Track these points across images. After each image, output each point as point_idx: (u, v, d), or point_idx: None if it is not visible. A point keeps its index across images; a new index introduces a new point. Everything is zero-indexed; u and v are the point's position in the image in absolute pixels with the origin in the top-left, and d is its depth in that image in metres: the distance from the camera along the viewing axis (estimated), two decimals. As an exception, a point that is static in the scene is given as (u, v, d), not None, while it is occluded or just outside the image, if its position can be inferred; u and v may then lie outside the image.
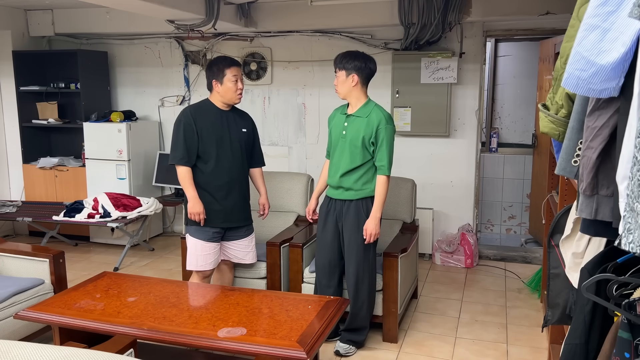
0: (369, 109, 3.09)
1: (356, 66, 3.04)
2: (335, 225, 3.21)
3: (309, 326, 2.37)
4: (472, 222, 5.01)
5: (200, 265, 3.19)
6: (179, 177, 3.15)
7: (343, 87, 3.08)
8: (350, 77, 3.05)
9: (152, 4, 3.75)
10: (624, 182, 1.14)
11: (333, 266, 3.25)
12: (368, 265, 3.17)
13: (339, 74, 3.09)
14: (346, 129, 3.12)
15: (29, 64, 5.63)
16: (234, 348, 2.27)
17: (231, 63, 3.14)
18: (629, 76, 1.16)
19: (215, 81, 3.13)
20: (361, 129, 3.06)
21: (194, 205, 3.09)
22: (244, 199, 3.30)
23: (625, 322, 1.32)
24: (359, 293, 3.18)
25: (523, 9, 4.31)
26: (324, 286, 3.27)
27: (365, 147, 3.07)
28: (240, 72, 3.17)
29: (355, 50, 3.14)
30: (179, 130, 3.12)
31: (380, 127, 3.03)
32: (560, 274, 2.11)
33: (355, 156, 3.09)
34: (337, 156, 3.17)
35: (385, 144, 3.04)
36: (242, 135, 3.24)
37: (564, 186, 2.83)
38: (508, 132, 6.16)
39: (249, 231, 3.38)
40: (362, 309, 3.20)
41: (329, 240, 3.23)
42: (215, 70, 3.13)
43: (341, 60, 3.07)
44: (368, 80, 3.13)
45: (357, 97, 3.10)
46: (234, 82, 3.11)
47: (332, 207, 3.22)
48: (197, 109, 3.19)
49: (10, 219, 5.12)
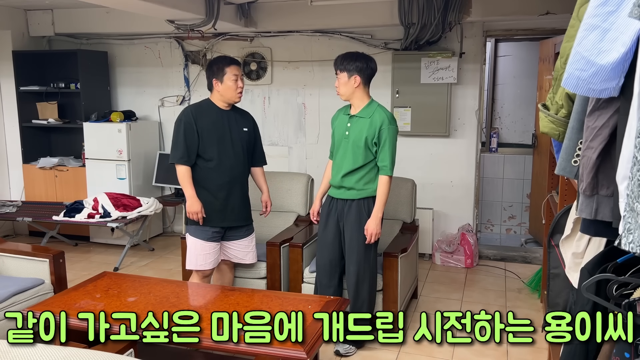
0: (372, 110, 3.08)
1: (358, 67, 3.03)
2: (337, 224, 3.21)
3: (309, 326, 2.37)
4: (472, 222, 5.01)
5: (200, 264, 3.19)
6: (178, 176, 3.15)
7: (345, 88, 3.07)
8: (353, 78, 3.04)
9: (152, 4, 3.75)
10: (624, 182, 1.14)
11: (334, 266, 3.25)
12: (369, 265, 3.17)
13: (340, 76, 3.07)
14: (349, 130, 3.12)
15: (29, 64, 5.63)
16: (233, 348, 2.27)
17: (231, 62, 3.15)
18: (629, 76, 1.16)
19: (215, 80, 3.14)
20: (364, 130, 3.06)
21: (192, 204, 3.10)
22: (244, 198, 3.30)
23: (625, 322, 1.32)
24: (359, 293, 3.18)
25: (523, 9, 4.31)
26: (325, 286, 3.27)
27: (368, 147, 3.07)
28: (240, 71, 3.18)
29: (355, 52, 3.13)
30: (179, 129, 3.12)
31: (383, 127, 3.02)
32: (560, 274, 2.11)
33: (358, 156, 3.09)
34: (339, 156, 3.17)
35: (388, 144, 3.04)
36: (243, 135, 3.25)
37: (564, 186, 2.83)
38: (508, 132, 6.16)
39: (249, 231, 3.38)
40: (362, 309, 3.20)
41: (330, 240, 3.23)
42: (216, 69, 3.13)
43: (342, 61, 3.06)
44: (370, 80, 3.12)
45: (360, 98, 3.09)
46: (234, 81, 3.12)
47: (334, 206, 3.22)
48: (198, 109, 3.19)
49: (10, 219, 5.12)
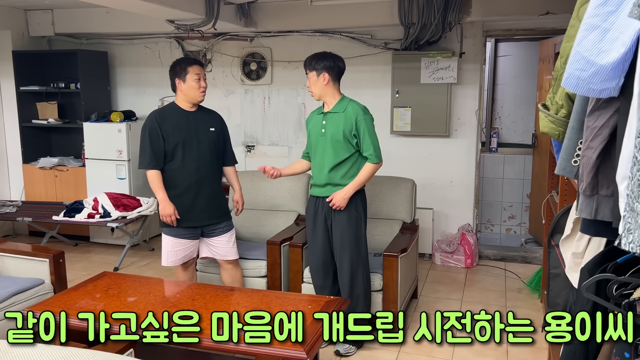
0: (344, 104, 3.16)
1: (325, 65, 3.13)
2: (324, 224, 3.23)
3: (309, 326, 2.37)
4: (472, 222, 5.01)
5: (170, 260, 3.30)
6: (148, 180, 3.23)
7: (316, 87, 3.16)
8: (321, 76, 3.12)
9: (152, 4, 3.75)
10: (624, 182, 1.14)
11: (327, 266, 3.26)
12: (361, 259, 3.19)
13: (310, 75, 3.17)
14: (325, 127, 3.18)
15: (29, 64, 5.63)
16: (233, 348, 2.27)
17: (193, 62, 3.24)
18: (629, 76, 1.16)
19: (178, 80, 3.21)
20: (340, 124, 3.12)
21: (164, 208, 3.18)
22: (215, 197, 3.34)
23: (625, 322, 1.32)
24: (353, 289, 3.19)
25: (523, 9, 4.30)
26: (320, 287, 3.28)
27: (348, 140, 3.12)
28: (202, 71, 3.25)
29: (323, 52, 3.22)
30: (144, 135, 3.21)
31: (358, 119, 3.09)
32: (560, 274, 2.11)
33: (339, 150, 3.13)
34: (319, 155, 3.21)
35: (367, 133, 3.10)
36: (210, 135, 3.29)
37: (564, 186, 2.83)
38: (508, 132, 6.15)
39: (228, 227, 3.41)
40: (358, 306, 3.20)
41: (320, 240, 3.24)
42: (178, 69, 3.21)
43: (310, 62, 3.17)
44: (339, 78, 3.20)
45: (331, 95, 3.17)
46: (196, 81, 3.19)
47: (320, 206, 3.23)
48: (162, 113, 3.27)
49: (10, 219, 5.12)
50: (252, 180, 4.21)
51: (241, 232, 4.05)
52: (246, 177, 4.24)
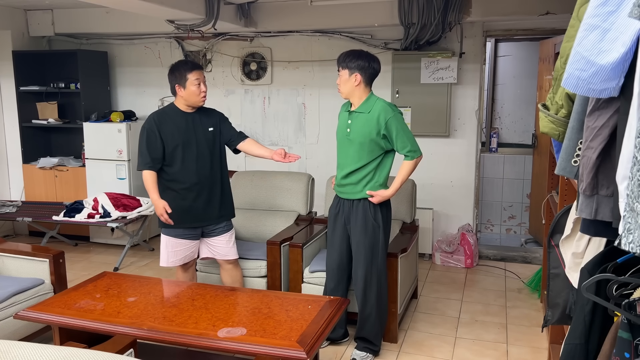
0: (371, 104, 3.00)
1: (359, 65, 2.96)
2: (344, 227, 3.15)
3: (309, 326, 2.37)
4: (472, 222, 5.01)
5: (170, 261, 3.30)
6: (143, 181, 3.23)
7: (345, 86, 3.01)
8: (353, 76, 2.97)
9: (152, 4, 3.75)
10: (624, 182, 1.14)
11: (342, 270, 3.19)
12: (376, 268, 3.09)
13: (341, 73, 3.01)
14: (350, 127, 3.04)
15: (29, 64, 5.63)
16: (233, 348, 2.27)
17: (192, 67, 3.19)
18: (629, 76, 1.16)
19: (178, 86, 3.19)
20: (365, 125, 2.98)
21: (157, 207, 3.19)
22: (216, 197, 3.31)
23: (625, 322, 1.32)
24: (367, 298, 3.10)
25: (523, 9, 4.30)
26: (331, 290, 3.20)
27: (374, 141, 2.98)
28: (202, 75, 3.21)
29: (359, 50, 3.07)
30: (142, 137, 3.22)
31: (388, 119, 2.94)
32: (560, 274, 2.11)
33: (362, 153, 3.00)
34: (342, 155, 3.11)
35: (401, 131, 2.96)
36: (208, 135, 3.27)
37: (564, 186, 2.83)
38: (508, 132, 6.16)
39: (228, 227, 3.41)
40: (372, 315, 3.11)
41: (338, 243, 3.17)
42: (177, 75, 3.18)
43: (344, 59, 2.99)
44: (372, 80, 3.05)
45: (359, 97, 3.02)
46: (196, 86, 3.16)
47: (341, 207, 3.15)
48: (161, 115, 3.26)
49: (10, 219, 5.12)
50: (252, 180, 4.21)
51: (241, 232, 4.05)
52: (246, 177, 4.24)
